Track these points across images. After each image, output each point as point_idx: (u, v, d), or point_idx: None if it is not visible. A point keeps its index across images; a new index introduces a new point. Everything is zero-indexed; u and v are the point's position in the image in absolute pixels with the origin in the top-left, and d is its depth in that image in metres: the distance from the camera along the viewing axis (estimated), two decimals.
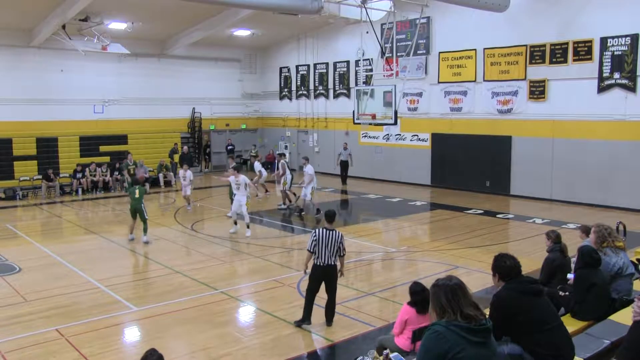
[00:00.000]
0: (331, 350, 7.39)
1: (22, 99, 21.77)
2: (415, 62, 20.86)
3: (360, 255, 12.17)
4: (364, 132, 23.80)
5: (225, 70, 27.80)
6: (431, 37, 21.10)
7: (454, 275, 4.00)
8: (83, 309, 8.99)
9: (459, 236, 13.76)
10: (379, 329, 7.79)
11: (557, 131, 17.79)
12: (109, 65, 23.91)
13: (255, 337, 7.90)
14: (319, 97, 26.24)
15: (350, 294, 9.49)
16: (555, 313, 4.93)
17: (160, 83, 25.33)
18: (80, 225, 15.81)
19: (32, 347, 7.49)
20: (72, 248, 13.52)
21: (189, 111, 26.75)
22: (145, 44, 24.46)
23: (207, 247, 13.26)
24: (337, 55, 24.94)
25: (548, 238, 7.58)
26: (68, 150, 23.08)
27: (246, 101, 28.86)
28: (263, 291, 9.87)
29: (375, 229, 15.60)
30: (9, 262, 11.82)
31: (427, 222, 16.48)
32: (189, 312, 8.82)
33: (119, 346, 7.80)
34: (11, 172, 21.59)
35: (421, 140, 21.96)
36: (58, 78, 22.75)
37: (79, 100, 23.27)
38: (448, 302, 3.66)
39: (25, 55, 22.05)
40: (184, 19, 22.27)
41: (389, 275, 11.01)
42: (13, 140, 21.85)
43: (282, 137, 27.51)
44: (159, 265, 11.61)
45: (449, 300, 3.66)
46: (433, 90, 21.23)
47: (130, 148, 24.38)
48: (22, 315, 8.73)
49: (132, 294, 9.67)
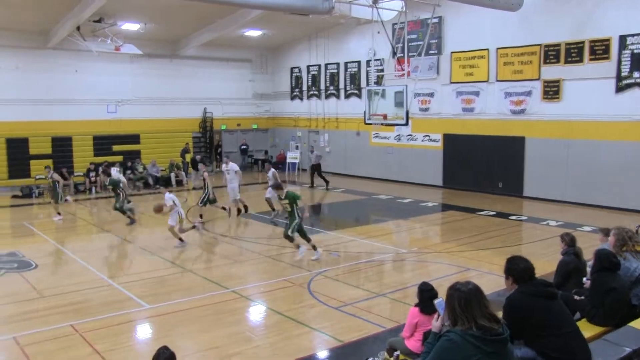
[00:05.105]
0: (341, 351, 7.37)
1: (38, 99, 22.10)
2: (427, 62, 20.79)
3: (371, 256, 12.15)
4: (375, 132, 23.77)
5: (236, 70, 27.90)
6: (443, 37, 21.02)
7: (467, 278, 3.98)
8: (96, 305, 9.09)
9: (470, 238, 13.69)
10: (390, 330, 7.75)
11: (572, 132, 17.61)
12: (122, 66, 24.11)
13: (266, 336, 7.91)
14: (330, 97, 26.23)
15: (360, 294, 9.48)
16: (570, 317, 4.84)
17: (172, 83, 25.51)
18: (94, 223, 15.93)
19: (48, 342, 7.61)
20: (85, 245, 13.67)
21: (201, 111, 26.87)
22: (158, 44, 24.62)
23: (218, 246, 13.30)
24: (348, 55, 24.93)
25: (562, 241, 7.47)
26: (82, 150, 23.39)
27: (257, 101, 28.93)
28: (274, 291, 9.89)
29: (386, 229, 15.56)
30: (26, 259, 11.98)
31: (438, 224, 16.42)
32: (200, 310, 8.86)
33: (132, 343, 7.88)
34: (27, 171, 21.96)
35: (433, 141, 21.88)
36: (73, 79, 23.02)
37: (93, 101, 23.51)
38: (461, 310, 3.64)
39: (42, 56, 22.34)
40: (195, 20, 22.39)
41: (399, 277, 10.98)
42: (29, 139, 22.25)
43: (293, 137, 27.54)
44: (170, 264, 11.67)
45: (462, 309, 3.64)
46: (445, 91, 21.15)
47: (142, 147, 24.64)
48: (39, 310, 8.87)
49: (144, 292, 9.73)
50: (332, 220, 17.56)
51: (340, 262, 11.67)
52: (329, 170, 25.94)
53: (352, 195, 20.75)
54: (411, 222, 16.12)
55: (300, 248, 11.72)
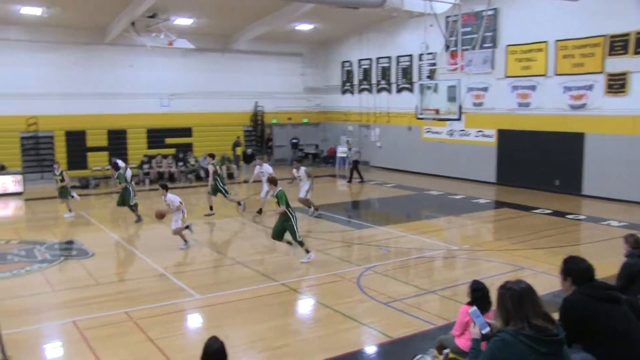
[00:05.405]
0: (390, 347, 7.29)
1: (95, 93, 22.86)
2: (481, 55, 20.19)
3: (421, 252, 11.96)
4: (427, 127, 23.42)
5: (287, 64, 28.00)
6: (498, 29, 20.43)
7: (520, 277, 3.84)
8: (149, 294, 9.33)
9: (524, 236, 13.27)
10: (439, 327, 7.61)
11: (638, 128, 16.73)
12: (175, 60, 24.58)
13: (314, 329, 7.92)
14: (381, 92, 26.00)
15: (409, 290, 9.36)
16: (636, 323, 4.54)
17: (224, 77, 25.84)
18: (147, 214, 16.29)
19: (105, 327, 7.87)
20: (139, 235, 14.07)
21: (252, 105, 27.12)
22: (210, 38, 24.96)
23: (267, 238, 13.41)
24: (400, 49, 24.60)
25: (626, 242, 7.10)
26: (136, 142, 24.06)
27: (308, 95, 28.96)
28: (323, 284, 9.87)
29: (437, 226, 15.30)
30: (84, 247, 12.45)
31: (491, 221, 16.03)
32: (249, 302, 8.95)
33: (182, 332, 8.05)
34: (85, 162, 22.76)
35: (486, 137, 21.35)
36: (127, 73, 23.67)
37: (147, 94, 24.07)
38: (514, 309, 3.53)
39: (98, 51, 23.08)
40: (247, 14, 22.59)
41: (450, 274, 10.78)
42: (86, 132, 23.06)
43: (344, 132, 27.44)
44: (221, 255, 11.85)
45: (514, 308, 3.53)
46: (500, 85, 20.56)
47: (194, 140, 25.12)
48: (95, 297, 9.18)
49: (195, 282, 9.89)
50: (382, 215, 17.41)
51: (390, 257, 11.56)
52: (380, 165, 25.81)
53: (402, 190, 20.51)
54: (463, 219, 15.77)
55: (310, 254, 11.07)
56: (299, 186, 15.71)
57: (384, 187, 21.35)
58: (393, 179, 22.73)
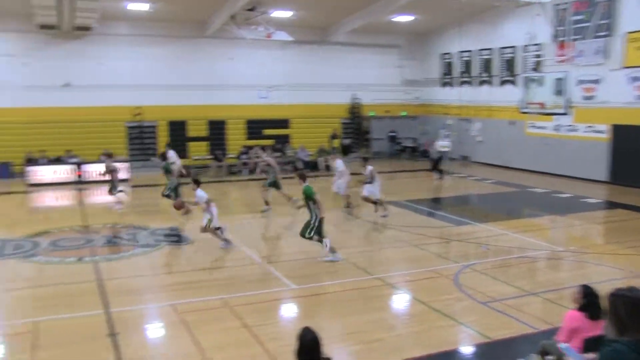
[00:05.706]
0: (488, 348, 6.98)
1: (196, 85, 23.83)
2: (593, 45, 18.93)
3: (523, 252, 11.38)
4: (531, 122, 22.28)
5: (384, 56, 27.71)
6: (616, 15, 18.94)
7: (633, 284, 3.48)
8: (245, 282, 9.53)
9: (638, 241, 12.23)
10: (542, 332, 7.17)
11: None
12: (273, 52, 25.05)
13: (409, 325, 7.75)
14: (482, 85, 25.07)
15: (510, 291, 8.92)
16: None
17: (321, 69, 26.02)
18: (245, 203, 16.83)
19: (202, 312, 8.11)
20: (236, 224, 14.39)
21: (349, 97, 27.10)
22: (308, 31, 25.20)
23: (364, 232, 13.33)
24: (503, 40, 23.53)
25: None
26: (235, 133, 24.85)
27: (406, 88, 28.49)
28: (419, 280, 9.65)
29: (541, 225, 14.49)
30: (185, 234, 12.98)
31: (601, 222, 14.96)
32: (344, 294, 8.92)
33: (277, 320, 8.16)
34: (185, 152, 23.69)
35: (597, 132, 19.92)
36: (227, 65, 24.47)
37: (246, 86, 24.77)
38: (629, 317, 3.20)
39: (199, 44, 24.03)
40: (345, 6, 22.57)
41: (554, 276, 10.16)
42: (188, 122, 24.06)
43: (443, 126, 26.77)
44: (317, 247, 11.89)
45: (630, 316, 3.20)
46: (615, 77, 19.05)
47: (292, 132, 25.52)
48: (194, 282, 9.53)
49: (291, 272, 10.00)
50: (482, 211, 16.75)
51: (489, 255, 11.09)
52: (480, 160, 24.94)
53: (504, 187, 19.66)
54: (569, 219, 14.83)
55: (336, 254, 10.62)
56: (362, 185, 15.04)
57: (483, 182, 20.59)
58: (494, 175, 21.87)
